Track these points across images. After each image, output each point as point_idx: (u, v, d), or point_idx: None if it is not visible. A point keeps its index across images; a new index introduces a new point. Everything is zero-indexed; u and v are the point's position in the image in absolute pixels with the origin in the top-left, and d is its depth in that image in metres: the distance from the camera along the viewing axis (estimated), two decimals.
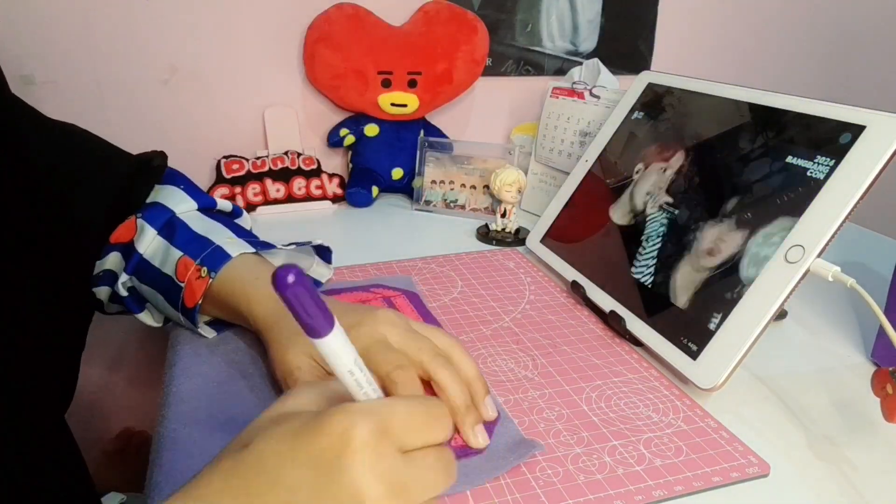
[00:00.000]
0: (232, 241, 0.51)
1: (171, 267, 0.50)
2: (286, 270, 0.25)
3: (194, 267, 0.49)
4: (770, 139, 0.53)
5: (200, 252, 0.50)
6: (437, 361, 0.40)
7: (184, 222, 0.53)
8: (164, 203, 0.54)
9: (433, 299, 0.62)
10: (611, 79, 0.83)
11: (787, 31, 1.18)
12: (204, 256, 0.49)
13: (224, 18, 0.86)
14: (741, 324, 0.47)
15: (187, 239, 0.51)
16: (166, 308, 0.52)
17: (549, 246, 0.71)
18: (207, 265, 0.49)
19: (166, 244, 0.52)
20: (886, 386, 0.41)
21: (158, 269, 0.51)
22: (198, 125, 0.89)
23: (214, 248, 0.50)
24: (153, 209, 0.54)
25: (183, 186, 0.56)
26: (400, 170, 0.93)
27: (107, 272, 0.54)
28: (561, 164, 0.85)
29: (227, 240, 0.51)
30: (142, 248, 0.52)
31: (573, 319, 0.59)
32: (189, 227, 0.52)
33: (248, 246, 0.51)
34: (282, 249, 0.55)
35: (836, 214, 0.45)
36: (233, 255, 0.49)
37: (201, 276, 0.49)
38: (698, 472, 0.40)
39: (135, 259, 0.52)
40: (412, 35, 0.89)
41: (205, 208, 0.56)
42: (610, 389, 0.49)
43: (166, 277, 0.51)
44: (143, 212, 0.53)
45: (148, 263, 0.52)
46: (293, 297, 0.25)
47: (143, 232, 0.52)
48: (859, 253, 0.75)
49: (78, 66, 0.81)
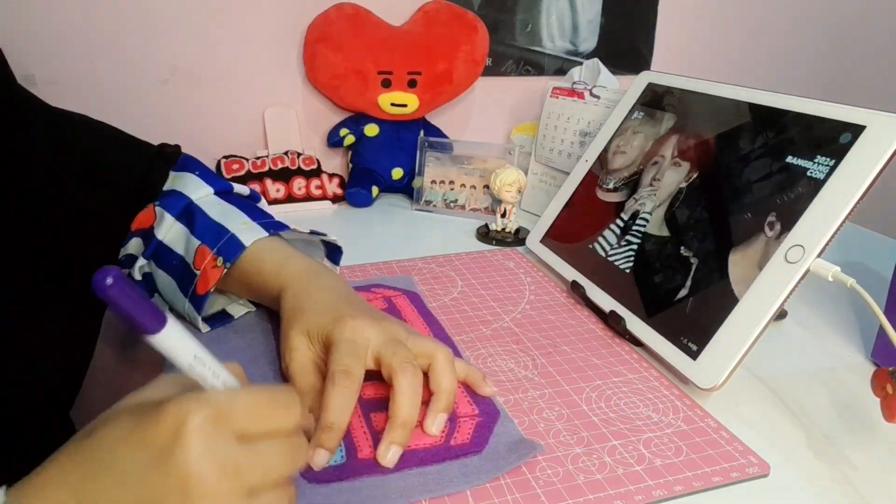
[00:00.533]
0: (246, 225, 0.52)
1: (191, 255, 0.52)
2: (104, 273, 0.26)
3: (211, 256, 0.51)
4: (770, 139, 0.52)
5: (217, 241, 0.51)
6: (403, 366, 0.40)
7: (201, 209, 0.54)
8: (181, 190, 0.56)
9: (433, 299, 0.62)
10: (611, 79, 0.83)
11: (787, 31, 1.18)
12: (220, 246, 0.51)
13: (224, 18, 0.86)
14: (741, 324, 0.47)
15: (204, 227, 0.53)
16: (175, 294, 0.53)
17: (549, 246, 0.71)
18: (223, 255, 0.50)
19: (186, 232, 0.53)
20: (886, 386, 0.41)
21: (178, 254, 0.53)
22: (198, 125, 0.89)
23: (230, 237, 0.51)
24: (171, 196, 0.55)
25: (198, 172, 0.57)
26: (400, 170, 0.93)
27: (128, 256, 0.55)
28: (561, 164, 0.85)
29: (242, 225, 0.52)
30: (161, 235, 0.53)
31: (573, 319, 0.59)
32: (206, 214, 0.54)
33: (262, 231, 0.52)
34: (296, 231, 0.56)
35: (836, 214, 0.45)
36: (247, 244, 0.50)
37: (217, 265, 0.50)
38: (698, 472, 0.40)
39: (154, 244, 0.53)
40: (412, 35, 0.89)
41: (220, 192, 0.57)
42: (610, 389, 0.49)
43: (184, 264, 0.52)
44: (161, 199, 0.55)
45: (167, 249, 0.53)
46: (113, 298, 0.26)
47: (162, 219, 0.54)
48: (859, 253, 0.75)
49: (78, 67, 0.81)
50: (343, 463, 0.39)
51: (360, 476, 0.38)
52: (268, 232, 0.52)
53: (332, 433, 0.38)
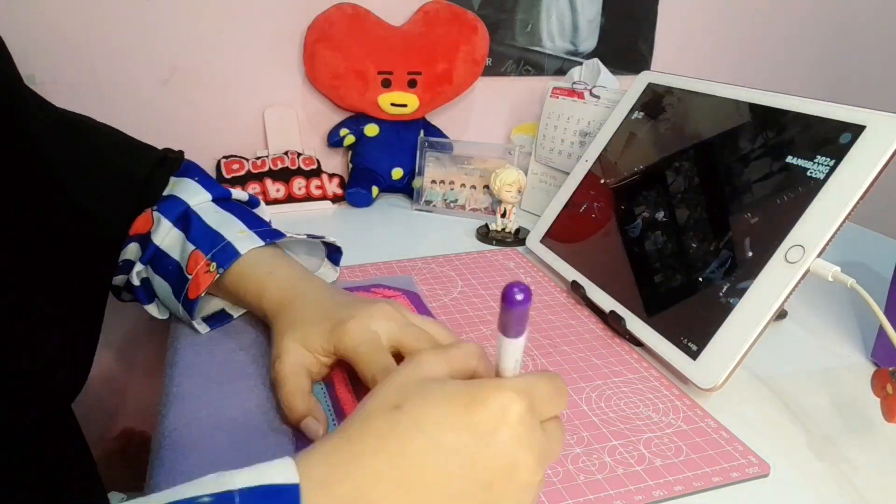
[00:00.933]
0: (243, 234, 0.52)
1: (185, 259, 0.52)
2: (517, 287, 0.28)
3: (204, 261, 0.51)
4: (770, 139, 0.53)
5: (212, 247, 0.51)
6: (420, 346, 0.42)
7: (198, 215, 0.54)
8: (179, 196, 0.56)
9: (433, 299, 0.62)
10: (611, 79, 0.83)
11: (787, 31, 1.18)
12: (215, 252, 0.51)
13: (224, 18, 0.86)
14: (741, 324, 0.47)
15: (200, 232, 0.53)
16: (169, 298, 0.54)
17: (549, 246, 0.71)
18: (217, 261, 0.51)
19: (182, 237, 0.53)
20: (886, 386, 0.41)
21: (172, 259, 0.53)
22: (198, 125, 0.89)
23: (225, 244, 0.51)
24: (169, 202, 0.55)
25: (197, 178, 0.58)
26: (400, 170, 0.93)
27: (125, 262, 0.55)
28: (561, 164, 0.85)
29: (239, 234, 0.52)
30: (158, 240, 0.53)
31: (573, 319, 0.59)
32: (203, 221, 0.54)
33: (258, 240, 0.52)
34: (292, 238, 0.56)
35: (836, 214, 0.45)
36: (242, 252, 0.51)
37: (209, 270, 0.50)
38: (698, 472, 0.40)
39: (151, 250, 0.53)
40: (412, 35, 0.89)
41: (219, 198, 0.58)
42: (610, 389, 0.49)
43: (179, 269, 0.52)
44: (159, 204, 0.55)
45: (163, 254, 0.53)
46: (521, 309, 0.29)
47: (159, 224, 0.54)
48: (859, 253, 0.75)
49: (78, 66, 0.81)
50: None
51: None
52: (264, 241, 0.52)
53: None
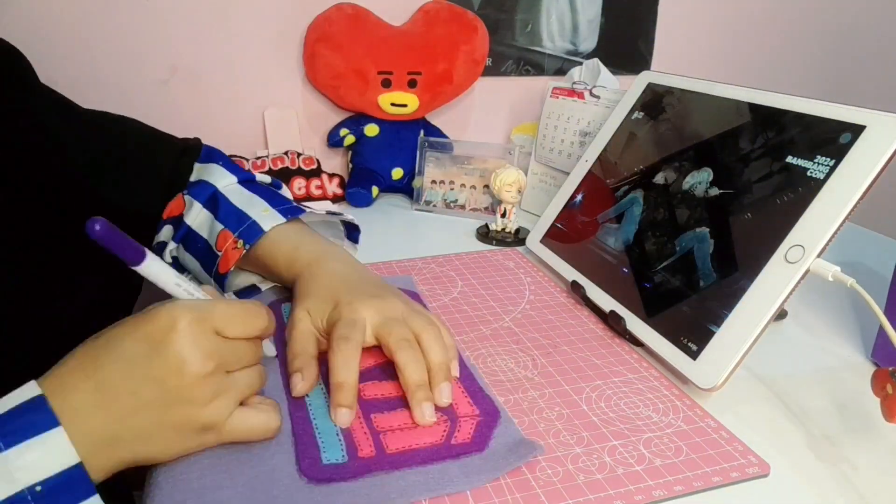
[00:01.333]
0: (266, 213, 0.57)
1: (214, 238, 0.57)
2: (92, 221, 0.35)
3: (232, 239, 0.55)
4: (770, 139, 0.53)
5: (239, 226, 0.56)
6: (399, 344, 0.44)
7: (225, 196, 0.59)
8: (208, 180, 0.60)
9: (433, 299, 0.62)
10: (611, 79, 0.83)
11: (788, 31, 1.18)
12: (242, 230, 0.56)
13: (224, 18, 0.86)
14: (741, 324, 0.47)
15: (228, 213, 0.57)
16: (200, 274, 0.59)
17: (548, 246, 0.71)
18: (244, 238, 0.55)
19: (211, 218, 0.58)
20: (886, 386, 0.41)
21: (203, 238, 0.58)
22: (198, 125, 0.89)
23: (251, 222, 0.56)
24: (199, 186, 0.60)
25: (222, 163, 0.62)
26: (400, 170, 0.93)
27: (159, 244, 0.61)
28: (561, 164, 0.85)
29: (262, 212, 0.57)
30: (190, 221, 0.59)
31: (573, 319, 0.59)
32: (230, 202, 0.58)
33: (280, 217, 0.56)
34: (313, 213, 0.60)
35: (836, 214, 0.45)
36: (266, 229, 0.55)
37: (237, 247, 0.55)
38: (698, 472, 0.40)
39: (183, 230, 0.59)
40: (412, 35, 0.89)
41: (244, 181, 0.62)
42: (610, 389, 0.49)
43: (207, 246, 0.57)
44: (189, 189, 0.60)
45: (195, 234, 0.58)
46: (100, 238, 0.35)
47: (191, 206, 0.59)
48: (859, 253, 0.75)
49: (78, 66, 0.81)
50: (344, 462, 0.39)
51: (360, 476, 0.38)
52: (286, 217, 0.56)
53: (344, 390, 0.42)
